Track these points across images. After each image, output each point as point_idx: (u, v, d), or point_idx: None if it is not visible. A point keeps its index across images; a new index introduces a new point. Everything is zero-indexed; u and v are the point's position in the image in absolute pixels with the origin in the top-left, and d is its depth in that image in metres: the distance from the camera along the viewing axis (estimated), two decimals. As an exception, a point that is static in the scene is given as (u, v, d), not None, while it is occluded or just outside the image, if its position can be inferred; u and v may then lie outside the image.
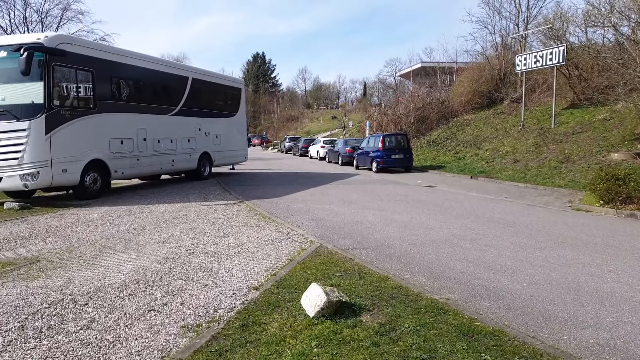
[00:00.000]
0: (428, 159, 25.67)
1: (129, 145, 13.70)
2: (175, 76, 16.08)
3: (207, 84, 18.05)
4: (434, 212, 10.29)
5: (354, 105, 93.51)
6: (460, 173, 19.88)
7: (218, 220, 9.01)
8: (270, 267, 5.68)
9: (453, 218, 9.47)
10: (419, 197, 12.86)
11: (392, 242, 7.14)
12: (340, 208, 10.69)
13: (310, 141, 38.95)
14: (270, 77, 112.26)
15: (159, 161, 15.08)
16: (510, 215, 9.97)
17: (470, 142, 25.39)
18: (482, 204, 11.64)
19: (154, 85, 15.09)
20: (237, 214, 9.74)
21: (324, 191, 14.19)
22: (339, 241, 7.17)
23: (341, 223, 8.75)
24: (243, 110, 20.82)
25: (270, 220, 8.88)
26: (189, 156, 16.76)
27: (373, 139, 22.71)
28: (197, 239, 7.30)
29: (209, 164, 18.23)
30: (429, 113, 33.62)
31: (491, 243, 7.17)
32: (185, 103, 16.50)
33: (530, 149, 20.17)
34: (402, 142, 22.17)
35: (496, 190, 14.73)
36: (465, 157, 23.42)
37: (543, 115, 24.58)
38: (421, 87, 38.62)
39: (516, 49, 32.57)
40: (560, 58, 21.02)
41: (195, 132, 17.19)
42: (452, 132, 29.53)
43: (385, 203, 11.64)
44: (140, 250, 6.59)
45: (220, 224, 8.55)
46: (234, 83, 20.27)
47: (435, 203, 11.75)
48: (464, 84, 33.51)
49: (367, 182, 17.41)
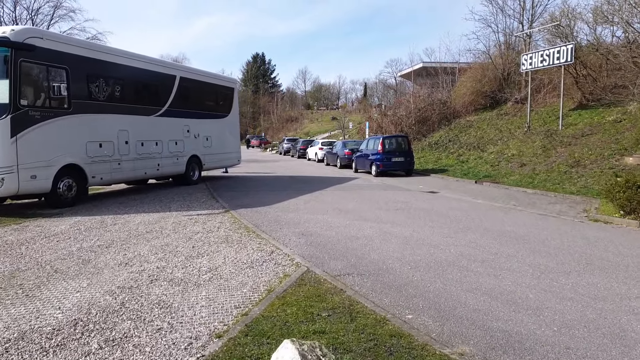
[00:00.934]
0: (430, 162, 24.67)
1: (109, 148, 12.72)
2: (162, 75, 15.09)
3: (197, 83, 17.07)
4: (438, 223, 9.29)
5: (354, 106, 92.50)
6: (464, 177, 18.88)
7: (196, 234, 8.02)
8: (243, 302, 4.69)
9: (459, 232, 8.48)
10: (421, 205, 11.87)
11: (392, 265, 6.14)
12: (334, 219, 9.70)
13: (309, 143, 37.94)
14: (270, 77, 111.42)
15: (143, 165, 14.09)
16: (523, 227, 8.97)
17: (473, 145, 24.40)
18: (489, 214, 10.65)
19: (138, 84, 14.11)
20: (219, 226, 8.75)
21: (319, 198, 13.20)
22: (329, 264, 6.17)
23: (334, 239, 7.75)
24: (236, 111, 19.84)
25: (254, 235, 7.89)
26: (176, 160, 15.77)
27: (372, 141, 21.72)
28: (165, 260, 6.31)
29: (199, 168, 17.24)
30: (431, 114, 32.63)
31: (506, 265, 6.17)
32: (172, 103, 15.52)
33: (538, 152, 19.17)
34: (403, 145, 21.17)
35: (503, 197, 13.74)
36: (469, 160, 22.42)
37: (549, 116, 23.57)
38: (422, 87, 37.62)
39: (520, 48, 31.58)
40: (569, 57, 20.03)
41: (184, 134, 16.20)
42: (454, 133, 28.52)
43: (384, 212, 10.65)
44: (95, 276, 5.60)
45: (197, 240, 7.56)
46: (226, 82, 19.29)
47: (439, 212, 10.76)
48: (466, 84, 32.51)
49: (366, 187, 16.42)
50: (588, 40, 23.10)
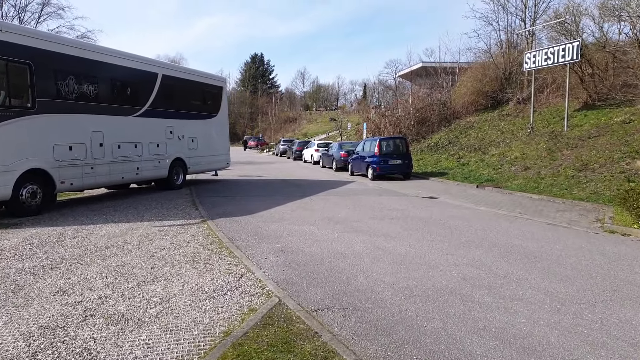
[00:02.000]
0: (429, 165, 23.67)
1: (81, 151, 11.72)
2: (141, 72, 14.08)
3: (182, 82, 16.07)
4: (437, 236, 8.29)
5: (353, 107, 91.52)
6: (465, 181, 17.89)
7: (161, 251, 7.02)
8: (189, 351, 3.68)
9: (461, 247, 7.49)
10: (419, 214, 10.88)
11: (382, 294, 5.14)
12: (322, 230, 8.70)
13: (305, 144, 36.93)
14: (268, 78, 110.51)
15: (120, 169, 13.09)
16: (532, 241, 7.98)
17: (474, 147, 23.41)
18: (494, 224, 9.66)
19: (114, 82, 13.10)
20: (190, 240, 7.75)
21: (309, 205, 12.20)
22: (307, 292, 5.17)
23: (318, 257, 6.74)
24: (225, 111, 18.84)
25: (226, 253, 6.89)
26: (157, 163, 14.77)
27: (369, 142, 20.73)
28: (113, 287, 5.30)
29: (183, 172, 16.23)
30: (430, 115, 31.65)
31: (518, 294, 5.18)
32: (153, 103, 14.52)
33: (542, 154, 18.18)
34: (401, 147, 20.17)
35: (508, 203, 12.75)
36: (470, 162, 21.43)
37: (553, 117, 22.61)
38: (422, 87, 36.65)
39: (522, 46, 30.63)
40: (575, 55, 19.04)
41: (166, 135, 15.20)
42: (454, 135, 27.54)
43: (378, 222, 9.65)
44: (20, 310, 4.61)
45: (160, 259, 6.56)
46: (214, 81, 18.28)
47: (438, 222, 9.77)
48: (466, 84, 31.55)
49: (361, 192, 15.42)
50: (594, 38, 22.14)
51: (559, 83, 24.98)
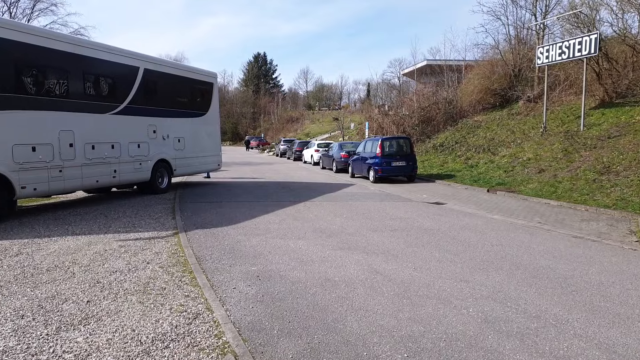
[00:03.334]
0: (435, 166, 22.31)
1: (46, 153, 10.46)
2: (120, 65, 12.82)
3: (167, 77, 14.79)
4: (448, 254, 6.97)
5: (356, 107, 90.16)
6: (474, 184, 16.53)
7: (110, 276, 5.73)
8: None
9: (478, 269, 6.17)
10: (425, 224, 9.56)
11: (378, 349, 3.80)
12: (311, 247, 7.39)
13: (305, 144, 35.59)
14: (271, 77, 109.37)
15: (94, 172, 11.83)
16: (561, 261, 6.65)
17: (483, 147, 22.02)
18: (512, 237, 8.33)
19: (88, 76, 11.81)
20: (152, 260, 6.46)
21: (301, 213, 10.90)
22: (277, 346, 3.83)
23: (300, 286, 5.41)
24: (215, 109, 17.56)
25: (189, 278, 5.59)
26: (138, 165, 13.49)
27: (370, 143, 19.39)
28: (21, 334, 4.00)
29: (168, 174, 14.95)
30: (435, 114, 30.31)
31: (562, 348, 3.84)
32: (134, 99, 13.25)
33: (558, 155, 16.80)
34: (405, 147, 18.83)
35: (524, 210, 11.41)
36: (479, 164, 20.06)
37: (567, 116, 21.21)
38: (426, 85, 35.27)
39: (533, 42, 29.22)
40: (592, 48, 17.64)
41: (149, 135, 13.93)
42: (461, 135, 26.16)
43: (378, 235, 8.34)
44: None
45: (104, 288, 5.27)
46: (204, 76, 16.98)
47: (448, 235, 8.45)
48: (474, 81, 30.17)
49: (361, 196, 14.09)
50: (613, 31, 20.74)
51: (572, 80, 23.60)
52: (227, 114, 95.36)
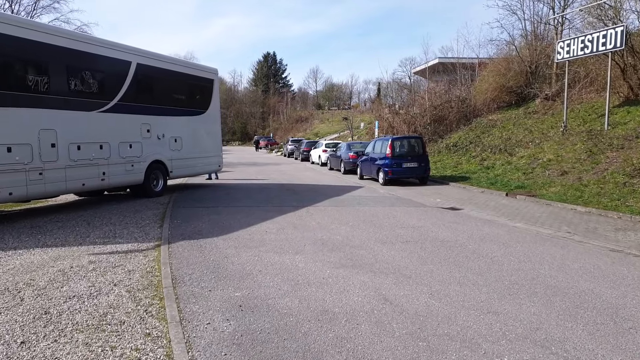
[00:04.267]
0: (448, 168, 21.19)
1: (24, 153, 9.56)
2: (109, 59, 11.91)
3: (162, 72, 13.87)
4: (470, 274, 5.92)
5: (367, 106, 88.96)
6: (491, 187, 15.41)
7: (65, 303, 4.77)
8: None
9: (507, 296, 5.11)
10: (441, 234, 8.50)
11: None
12: (309, 263, 6.38)
13: (313, 144, 34.57)
14: (281, 77, 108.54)
15: (80, 175, 10.92)
16: (605, 283, 5.56)
17: (499, 147, 20.83)
18: (541, 250, 7.25)
19: (71, 71, 10.89)
20: (120, 282, 5.49)
21: (303, 220, 9.89)
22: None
23: (290, 322, 4.37)
24: (216, 107, 16.60)
25: (156, 308, 4.61)
26: (130, 167, 12.58)
27: (380, 142, 18.31)
28: None
29: (163, 176, 14.02)
30: (448, 112, 29.13)
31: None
32: (125, 96, 12.34)
33: (581, 156, 15.62)
34: (417, 147, 17.74)
35: (549, 217, 10.31)
36: (495, 165, 18.90)
37: (589, 114, 19.97)
38: (438, 84, 34.06)
39: (550, 37, 27.98)
40: (618, 41, 16.41)
41: (142, 134, 13.01)
42: (475, 134, 24.96)
43: (388, 249, 7.30)
44: None
45: (49, 321, 4.30)
46: (204, 72, 16.03)
47: (467, 248, 7.39)
48: (488, 79, 28.94)
49: (369, 201, 13.05)
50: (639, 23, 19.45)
51: (593, 76, 22.35)
52: (237, 114, 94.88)
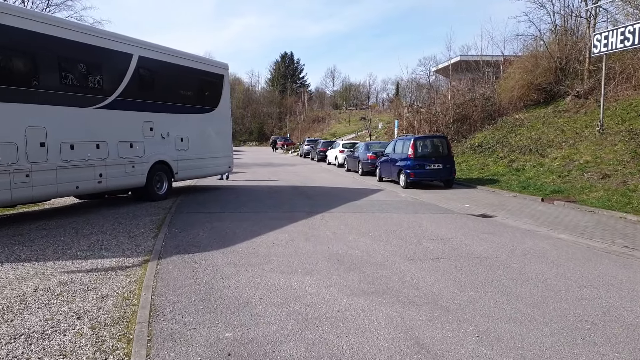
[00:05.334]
0: (474, 169, 19.85)
1: (7, 154, 8.63)
2: (107, 51, 10.95)
3: (167, 66, 12.89)
4: (522, 307, 4.71)
5: (384, 106, 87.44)
6: (524, 192, 14.07)
7: (4, 346, 3.72)
8: None
9: (578, 341, 3.90)
10: (476, 248, 7.29)
11: None
12: (321, 290, 5.24)
13: (329, 144, 33.40)
14: (298, 77, 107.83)
15: (73, 177, 9.95)
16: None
17: (529, 148, 19.42)
18: (600, 271, 5.99)
19: (64, 63, 9.95)
20: (86, 313, 4.42)
21: (316, 229, 8.76)
22: None
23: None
24: (226, 104, 15.57)
25: (120, 356, 3.54)
26: (131, 168, 11.61)
27: (401, 142, 17.07)
28: None
29: (168, 179, 13.03)
30: (472, 111, 27.73)
31: None
32: (126, 91, 11.38)
33: (624, 158, 14.18)
34: (441, 148, 16.47)
35: (596, 228, 8.99)
36: (526, 167, 17.51)
37: (627, 112, 18.43)
38: (461, 82, 32.60)
39: (582, 31, 26.36)
40: (664, 33, 14.94)
41: (144, 133, 12.04)
42: (502, 134, 23.53)
43: (417, 268, 6.12)
44: None
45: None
46: (213, 67, 15.01)
47: (511, 267, 6.17)
48: (514, 76, 27.43)
49: (390, 206, 11.86)
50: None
51: (630, 72, 20.78)
52: (254, 114, 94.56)
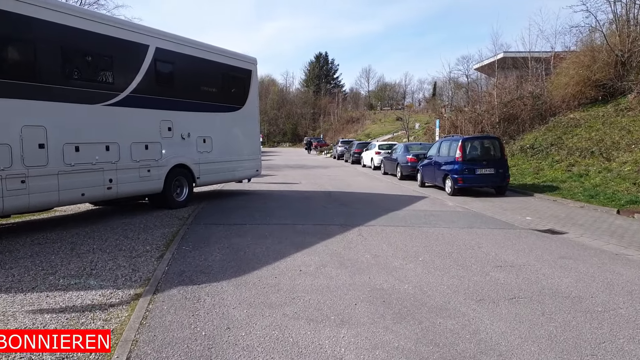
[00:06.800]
0: (527, 174, 17.89)
1: (1, 156, 7.51)
2: (121, 41, 9.75)
3: (189, 60, 11.66)
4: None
5: (421, 106, 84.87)
6: (592, 201, 12.15)
7: None
8: None
9: None
10: (559, 282, 5.62)
11: None
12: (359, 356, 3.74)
13: (364, 145, 31.74)
14: (332, 77, 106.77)
15: (78, 182, 8.76)
16: None
17: (590, 151, 17.32)
18: None
19: (68, 54, 8.80)
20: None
21: (352, 250, 7.25)
22: None
23: None
24: (254, 102, 14.23)
25: None
26: (146, 172, 10.39)
27: (447, 144, 15.33)
28: None
29: (188, 184, 11.78)
30: (520, 110, 25.60)
31: None
32: (140, 86, 10.18)
33: None
34: (492, 150, 14.67)
35: None
36: (589, 173, 15.46)
37: None
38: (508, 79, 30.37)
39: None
40: None
41: (162, 133, 10.82)
42: (555, 135, 21.37)
43: (490, 314, 4.54)
44: None
45: None
46: (240, 62, 13.68)
47: (617, 314, 4.51)
48: (569, 71, 25.09)
49: (438, 219, 10.22)
50: None
51: None
52: (288, 115, 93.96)
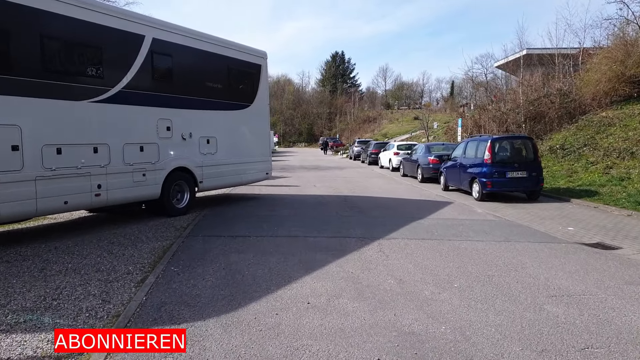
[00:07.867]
0: (559, 177, 16.50)
1: (-35, 159, 6.53)
2: (112, 31, 8.71)
3: (190, 52, 10.62)
4: None
5: (439, 105, 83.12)
6: (639, 207, 10.79)
7: None
8: None
9: None
10: (635, 321, 4.40)
11: None
12: None
13: (382, 146, 30.46)
14: (349, 77, 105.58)
15: (60, 189, 7.75)
16: None
17: (630, 151, 15.84)
18: None
19: (50, 44, 7.79)
20: None
21: (372, 272, 6.08)
22: None
23: None
24: (264, 99, 13.12)
25: None
26: (141, 176, 9.35)
27: (474, 144, 14.01)
28: None
29: (190, 189, 10.73)
30: (547, 108, 24.09)
31: None
32: (134, 81, 9.15)
33: None
34: (524, 151, 13.34)
35: None
36: (631, 175, 14.03)
37: None
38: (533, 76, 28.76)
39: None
40: None
41: (159, 133, 9.78)
42: (587, 134, 19.86)
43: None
44: None
45: None
46: (249, 55, 12.58)
47: None
48: (600, 67, 23.50)
49: (468, 229, 8.98)
50: None
51: None
52: (304, 115, 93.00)
